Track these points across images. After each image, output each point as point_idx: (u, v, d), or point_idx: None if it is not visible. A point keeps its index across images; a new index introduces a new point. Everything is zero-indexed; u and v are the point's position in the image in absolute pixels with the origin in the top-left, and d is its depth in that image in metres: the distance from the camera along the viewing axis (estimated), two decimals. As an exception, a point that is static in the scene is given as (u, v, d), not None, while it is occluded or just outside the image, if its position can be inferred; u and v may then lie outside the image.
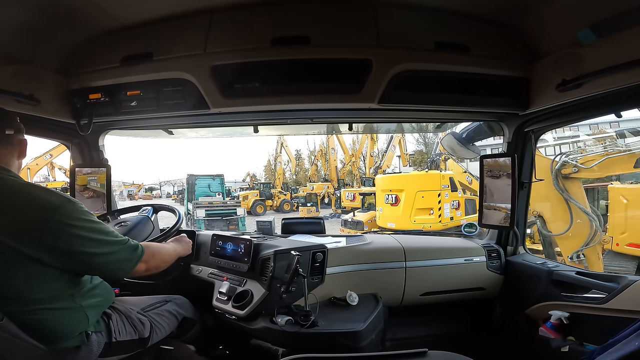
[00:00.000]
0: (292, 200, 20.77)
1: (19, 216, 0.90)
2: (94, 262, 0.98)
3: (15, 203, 0.91)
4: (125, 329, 1.15)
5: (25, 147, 1.08)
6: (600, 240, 4.19)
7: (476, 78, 1.42)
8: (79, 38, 1.41)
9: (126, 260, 1.04)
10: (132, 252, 1.05)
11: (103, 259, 0.99)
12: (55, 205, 0.93)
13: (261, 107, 1.49)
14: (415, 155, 23.48)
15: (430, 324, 2.01)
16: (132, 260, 1.05)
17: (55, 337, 0.95)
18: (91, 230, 0.97)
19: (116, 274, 1.06)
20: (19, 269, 0.89)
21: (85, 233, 0.95)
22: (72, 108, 1.51)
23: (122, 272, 1.05)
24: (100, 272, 1.06)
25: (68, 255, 0.94)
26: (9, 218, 0.89)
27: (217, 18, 1.36)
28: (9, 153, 1.01)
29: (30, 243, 0.89)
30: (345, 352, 1.14)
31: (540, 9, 1.25)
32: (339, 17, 1.35)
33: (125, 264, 1.04)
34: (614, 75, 1.14)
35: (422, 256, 1.89)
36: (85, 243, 0.95)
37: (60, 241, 0.92)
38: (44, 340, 0.93)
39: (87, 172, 1.90)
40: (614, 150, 4.42)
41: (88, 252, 0.96)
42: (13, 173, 1.00)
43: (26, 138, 1.09)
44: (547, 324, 1.63)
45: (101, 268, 1.02)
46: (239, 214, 12.33)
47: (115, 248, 1.02)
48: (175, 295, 1.51)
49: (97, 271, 1.05)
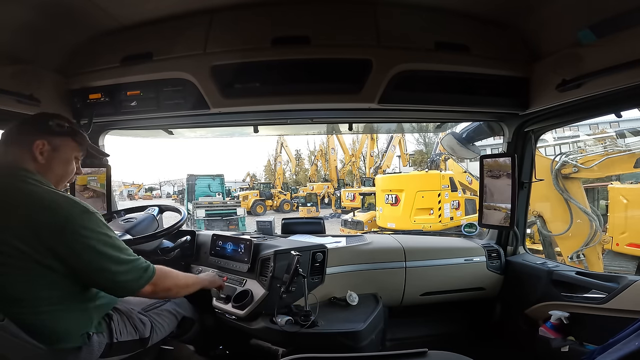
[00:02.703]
0: (292, 200, 20.76)
1: (35, 222, 0.88)
2: (102, 277, 0.96)
3: (32, 208, 0.90)
4: (127, 329, 1.15)
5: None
6: (600, 240, 4.19)
7: (476, 78, 1.42)
8: (79, 38, 1.41)
9: (133, 281, 1.01)
10: (142, 272, 1.02)
11: (111, 276, 0.96)
12: (74, 214, 0.92)
13: (261, 107, 1.49)
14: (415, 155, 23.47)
15: (430, 324, 2.01)
16: (140, 280, 1.02)
17: (57, 338, 0.95)
18: (105, 244, 0.95)
19: (120, 292, 1.03)
20: (27, 273, 0.89)
21: (99, 246, 0.94)
22: (72, 108, 1.51)
23: (126, 290, 1.02)
24: (104, 287, 1.02)
25: (77, 265, 0.92)
26: (25, 222, 0.88)
27: (217, 18, 1.36)
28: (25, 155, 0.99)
29: (42, 249, 0.88)
30: (345, 352, 1.14)
31: (540, 9, 1.25)
32: (339, 17, 1.35)
33: (132, 283, 1.01)
34: (614, 75, 1.14)
35: (422, 256, 1.89)
36: (96, 257, 0.94)
37: (73, 251, 0.91)
38: (45, 341, 0.92)
39: (87, 172, 1.90)
40: (614, 150, 4.42)
41: (97, 267, 0.94)
42: (38, 177, 0.97)
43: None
44: (547, 324, 1.63)
45: (108, 284, 0.99)
46: (239, 214, 12.34)
47: (126, 267, 0.99)
48: None
49: (101, 285, 1.01)
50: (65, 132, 1.06)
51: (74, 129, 1.09)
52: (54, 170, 1.03)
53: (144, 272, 1.02)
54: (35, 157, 0.99)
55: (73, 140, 1.08)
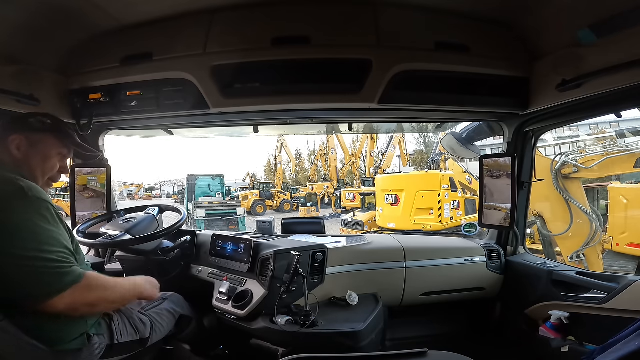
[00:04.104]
0: (292, 200, 20.76)
1: None
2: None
3: None
4: (127, 330, 1.15)
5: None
6: (600, 240, 4.19)
7: (476, 78, 1.42)
8: (79, 38, 1.41)
9: (38, 285, 0.84)
10: (59, 277, 0.86)
11: (12, 270, 0.82)
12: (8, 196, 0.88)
13: (261, 107, 1.49)
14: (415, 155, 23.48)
15: (430, 324, 2.01)
16: (54, 285, 0.84)
17: (56, 339, 0.95)
18: (26, 229, 0.85)
19: (20, 294, 0.85)
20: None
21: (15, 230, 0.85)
22: (72, 108, 1.51)
23: (30, 297, 0.85)
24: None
25: None
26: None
27: (217, 18, 1.36)
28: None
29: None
30: (345, 352, 1.14)
31: (540, 9, 1.25)
32: (339, 17, 1.35)
33: (34, 288, 0.84)
34: (614, 75, 1.14)
35: (422, 256, 1.89)
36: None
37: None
38: (45, 342, 0.92)
39: (87, 172, 1.90)
40: (614, 150, 4.42)
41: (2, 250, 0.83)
42: (9, 168, 0.98)
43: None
44: (547, 324, 1.63)
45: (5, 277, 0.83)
46: (239, 214, 12.33)
47: (37, 264, 0.84)
48: (169, 292, 1.49)
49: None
50: (46, 128, 1.07)
51: (56, 127, 1.09)
52: (31, 165, 1.04)
53: (64, 276, 0.86)
54: (11, 151, 1.01)
55: (54, 137, 1.08)
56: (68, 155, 1.14)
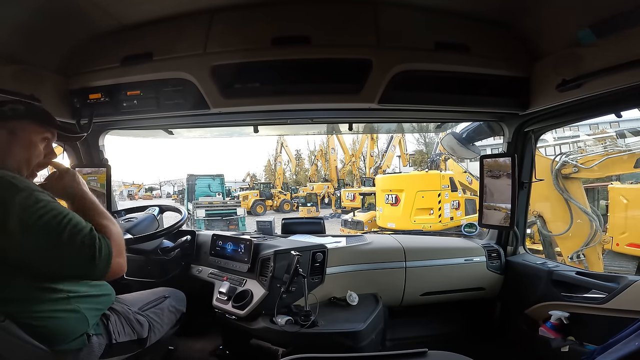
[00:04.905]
0: (292, 200, 20.77)
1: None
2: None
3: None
4: (124, 330, 1.14)
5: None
6: (600, 240, 4.19)
7: (476, 78, 1.42)
8: (79, 38, 1.41)
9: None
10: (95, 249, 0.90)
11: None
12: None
13: (261, 107, 1.49)
14: (415, 155, 23.48)
15: (430, 324, 2.01)
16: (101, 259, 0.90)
17: (56, 339, 0.95)
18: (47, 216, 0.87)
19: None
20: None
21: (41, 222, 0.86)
22: (72, 108, 1.51)
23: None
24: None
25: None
26: None
27: (217, 18, 1.36)
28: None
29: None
30: (345, 352, 1.14)
31: (540, 9, 1.25)
32: (339, 17, 1.35)
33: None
34: (614, 75, 1.14)
35: (422, 256, 1.89)
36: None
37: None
38: (46, 342, 0.92)
39: (87, 172, 1.90)
40: (614, 150, 4.42)
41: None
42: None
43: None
44: (547, 324, 1.63)
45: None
46: (239, 214, 12.34)
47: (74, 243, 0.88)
48: (172, 288, 1.49)
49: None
50: (21, 114, 0.99)
51: (31, 111, 1.02)
52: (14, 155, 0.97)
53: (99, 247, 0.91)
54: None
55: (33, 122, 1.01)
56: (52, 139, 1.08)
